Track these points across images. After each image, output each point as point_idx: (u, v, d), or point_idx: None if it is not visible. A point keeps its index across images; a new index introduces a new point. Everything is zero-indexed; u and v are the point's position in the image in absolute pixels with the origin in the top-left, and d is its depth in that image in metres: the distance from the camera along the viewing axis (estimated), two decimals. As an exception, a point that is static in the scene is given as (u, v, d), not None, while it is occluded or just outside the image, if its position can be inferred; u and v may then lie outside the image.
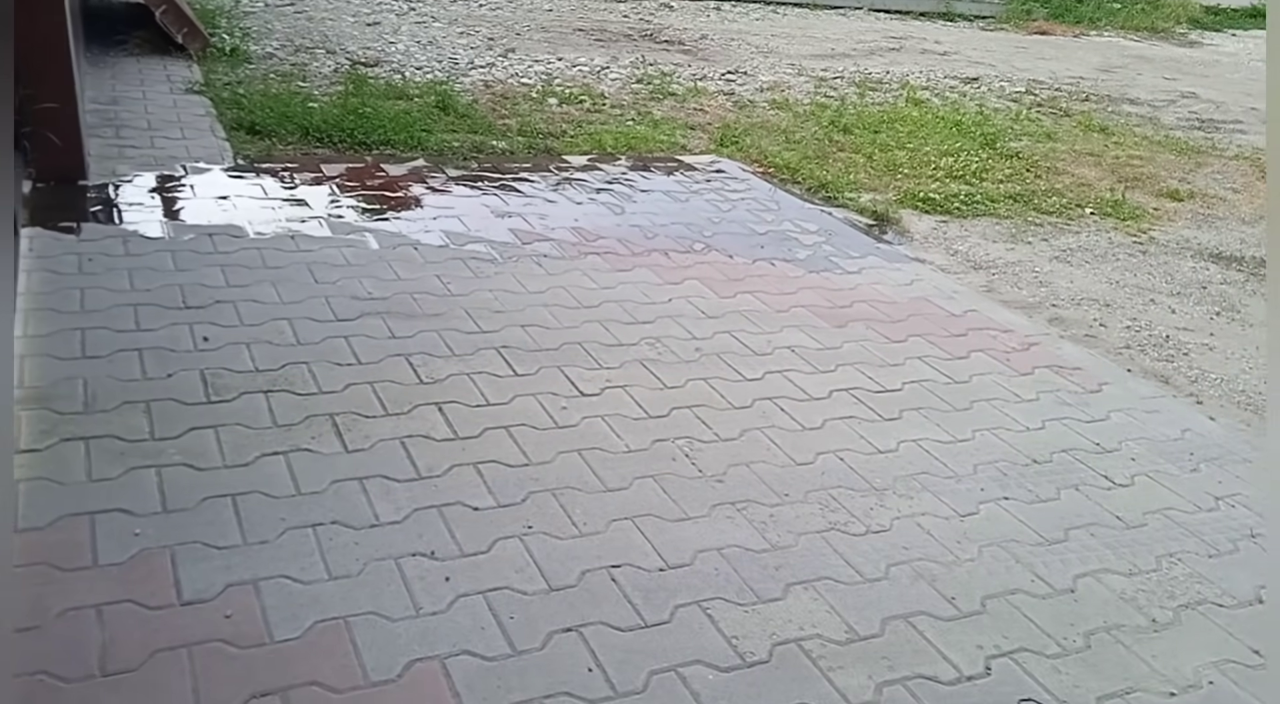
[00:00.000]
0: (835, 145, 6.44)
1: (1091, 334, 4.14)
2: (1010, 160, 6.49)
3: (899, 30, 11.67)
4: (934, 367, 3.65)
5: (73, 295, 3.31)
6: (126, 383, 2.86)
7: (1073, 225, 5.47)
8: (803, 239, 4.79)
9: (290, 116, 5.41)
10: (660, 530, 2.56)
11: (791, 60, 9.07)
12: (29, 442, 2.54)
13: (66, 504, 2.35)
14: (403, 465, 2.68)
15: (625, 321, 3.71)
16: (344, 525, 2.42)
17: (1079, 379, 3.70)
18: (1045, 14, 13.83)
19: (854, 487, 2.86)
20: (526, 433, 2.91)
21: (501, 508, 2.57)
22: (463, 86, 6.71)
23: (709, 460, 2.89)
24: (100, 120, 5.08)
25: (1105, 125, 7.81)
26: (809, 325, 3.87)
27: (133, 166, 4.57)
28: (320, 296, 3.57)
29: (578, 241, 4.42)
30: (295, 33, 7.70)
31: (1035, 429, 3.30)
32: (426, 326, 3.47)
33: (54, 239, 3.72)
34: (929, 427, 3.23)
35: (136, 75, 6.02)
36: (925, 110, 7.55)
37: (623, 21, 10.13)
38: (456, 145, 5.49)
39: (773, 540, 2.58)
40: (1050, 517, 2.84)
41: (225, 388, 2.91)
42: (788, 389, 3.36)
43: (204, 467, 2.56)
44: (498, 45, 8.20)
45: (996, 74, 9.52)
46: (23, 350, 2.93)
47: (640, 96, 7.12)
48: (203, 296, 3.44)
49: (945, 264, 4.71)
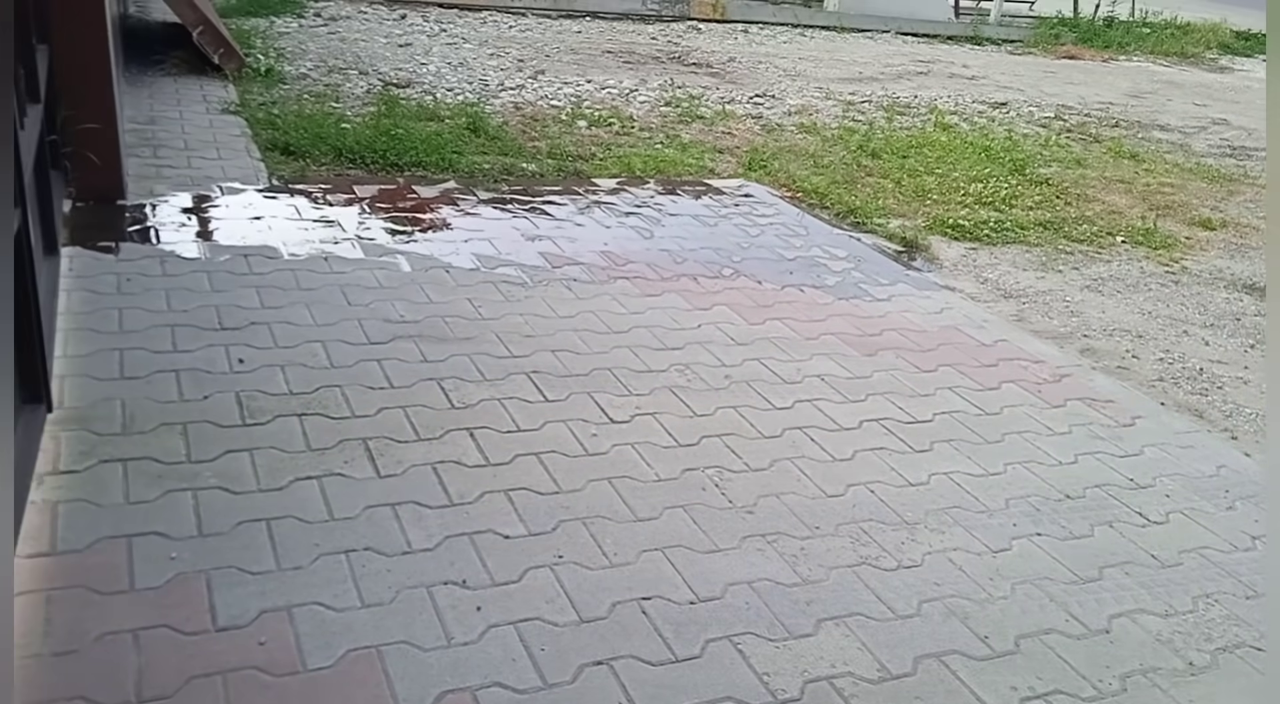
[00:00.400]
0: (863, 170, 6.44)
1: (1124, 366, 4.10)
2: (1040, 187, 6.47)
3: (926, 54, 11.68)
4: (965, 397, 3.63)
5: (111, 315, 3.36)
6: (164, 404, 2.89)
7: (1104, 254, 5.44)
8: (831, 265, 4.79)
9: (324, 137, 5.47)
10: (691, 562, 2.55)
11: (819, 84, 9.08)
12: (68, 463, 2.57)
13: (104, 526, 2.37)
14: (435, 491, 2.69)
15: (655, 347, 3.72)
16: (377, 552, 2.43)
17: (1112, 412, 3.67)
18: (1074, 38, 13.80)
19: (885, 520, 2.84)
20: (557, 460, 2.92)
21: (532, 536, 2.57)
22: (493, 108, 6.77)
23: (739, 491, 2.89)
24: (138, 140, 5.16)
25: (1135, 152, 7.77)
26: (838, 353, 3.86)
27: (170, 186, 4.64)
28: (353, 319, 3.60)
29: (607, 266, 4.44)
30: (329, 53, 7.80)
31: (1068, 463, 3.28)
32: (458, 350, 3.49)
33: (94, 259, 3.77)
34: (960, 459, 3.21)
35: (174, 95, 6.11)
36: (954, 135, 7.54)
37: (651, 44, 10.19)
38: (487, 167, 5.53)
39: (804, 574, 2.57)
40: (1084, 554, 2.81)
41: (260, 410, 2.94)
42: (818, 419, 3.35)
43: (239, 490, 2.58)
44: (527, 67, 8.26)
45: (1025, 99, 9.49)
46: (62, 370, 2.97)
47: (668, 119, 7.15)
48: (238, 318, 3.47)
49: (975, 292, 4.70)
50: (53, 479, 2.50)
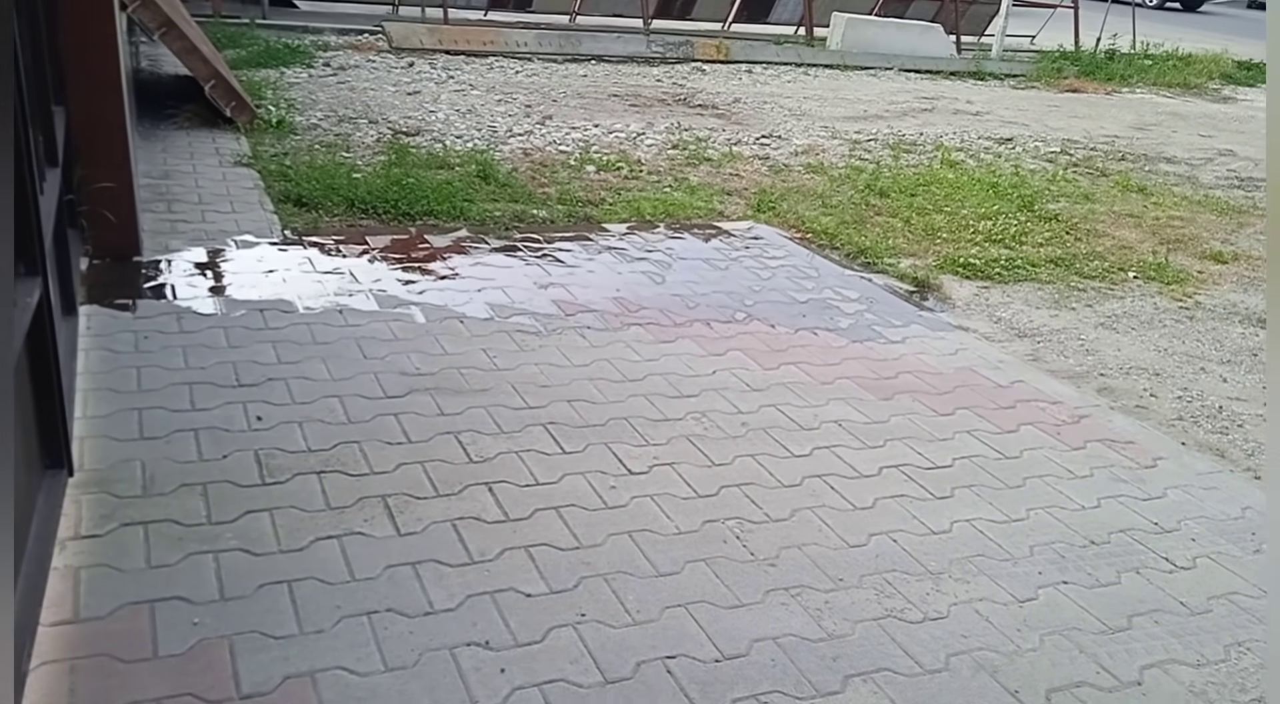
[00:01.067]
0: (872, 209, 6.46)
1: (1143, 405, 4.08)
2: (1049, 223, 6.48)
3: (930, 90, 11.76)
4: (984, 441, 3.61)
5: (130, 374, 3.37)
6: (183, 464, 2.89)
7: (1116, 290, 5.44)
8: (844, 307, 4.79)
9: (336, 188, 5.52)
10: (714, 618, 2.53)
11: (825, 123, 9.15)
12: (89, 527, 2.56)
13: (127, 592, 2.36)
14: (455, 549, 2.68)
15: (670, 395, 3.71)
16: (398, 613, 2.42)
17: (1133, 454, 3.64)
18: (1076, 71, 13.90)
19: (909, 570, 2.82)
20: (576, 514, 2.91)
21: (554, 594, 2.55)
22: (502, 154, 6.82)
23: (760, 542, 2.87)
24: (153, 195, 5.21)
25: (1143, 185, 7.79)
26: (855, 398, 3.85)
27: (185, 241, 4.67)
28: (369, 372, 3.60)
29: (620, 312, 4.45)
30: (338, 103, 7.89)
31: (1091, 507, 3.25)
32: (474, 403, 3.49)
33: (111, 317, 3.79)
34: (982, 505, 3.19)
35: (187, 148, 6.18)
36: (961, 172, 7.57)
37: (656, 86, 10.29)
38: (498, 215, 5.57)
39: (829, 629, 2.54)
40: (1112, 602, 2.78)
41: (279, 469, 2.94)
42: (837, 466, 3.34)
43: (260, 552, 2.57)
44: (535, 112, 8.34)
45: (1030, 134, 9.54)
46: (82, 431, 2.98)
47: (676, 162, 7.20)
48: (255, 374, 3.48)
49: (989, 332, 4.69)
50: (74, 544, 2.49)
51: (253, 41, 9.87)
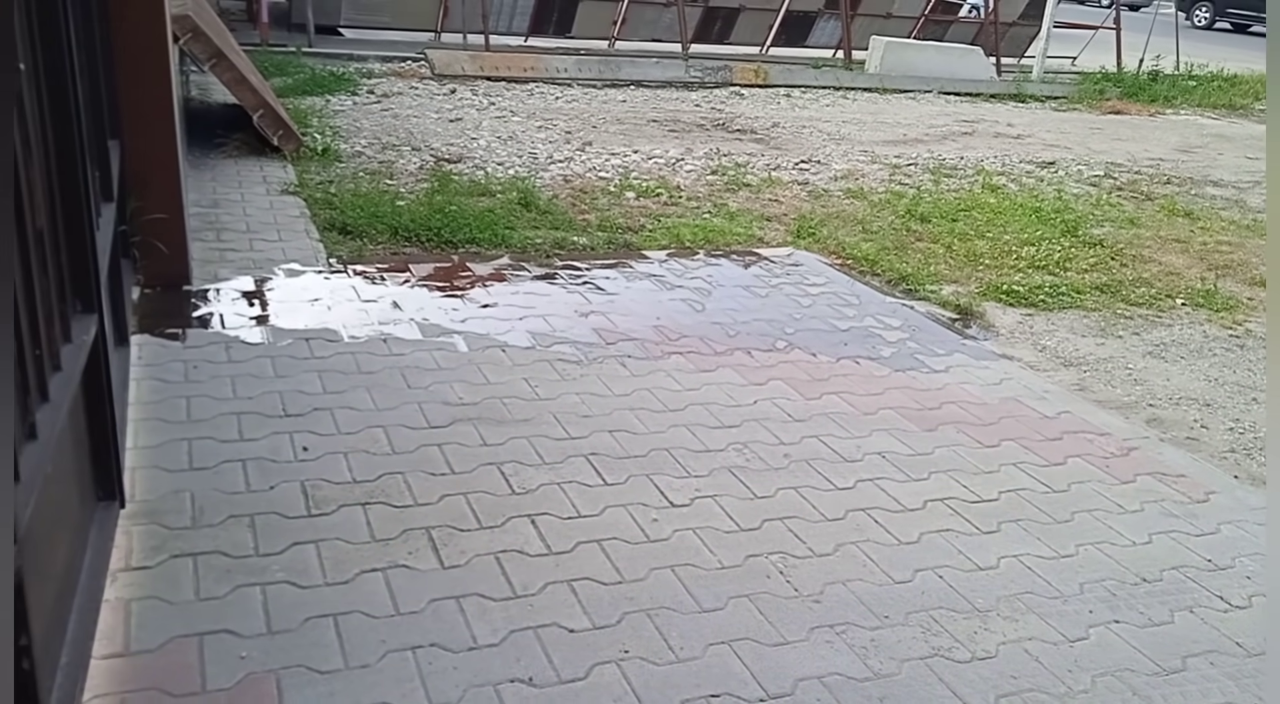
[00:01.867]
0: (913, 235, 6.43)
1: (1193, 437, 4.01)
2: (1094, 248, 6.40)
3: (970, 113, 11.70)
4: (1030, 474, 3.56)
5: (180, 404, 3.42)
6: (232, 496, 2.93)
7: (1164, 317, 5.35)
8: (886, 336, 4.76)
9: (380, 216, 5.59)
10: (759, 656, 2.51)
11: (864, 147, 9.13)
12: (140, 559, 2.60)
13: (176, 625, 2.39)
14: (498, 583, 2.68)
15: (711, 426, 3.70)
16: (442, 648, 2.42)
17: (1184, 487, 3.57)
18: (1119, 93, 13.76)
19: (956, 607, 2.78)
20: (619, 547, 2.90)
21: (597, 630, 2.55)
22: (543, 181, 6.88)
23: (804, 578, 2.84)
24: (202, 223, 5.31)
25: (1190, 209, 7.68)
26: (898, 429, 3.81)
27: (233, 270, 4.75)
28: (413, 402, 3.63)
29: (660, 341, 4.45)
30: (382, 130, 8.00)
31: (1142, 543, 3.19)
32: (516, 433, 3.50)
33: (161, 346, 3.86)
34: (1030, 541, 3.14)
35: (235, 177, 6.29)
36: (1003, 197, 7.51)
37: (695, 111, 10.33)
38: (539, 242, 5.60)
39: (875, 668, 2.51)
40: (1165, 642, 2.72)
41: (325, 500, 2.97)
42: (881, 499, 3.30)
43: (306, 584, 2.59)
44: (575, 139, 8.41)
45: (1073, 157, 9.45)
46: (133, 462, 3.03)
47: (715, 188, 7.21)
48: (301, 404, 3.52)
49: (1034, 361, 4.63)
50: (125, 576, 2.53)
51: (299, 69, 10.05)
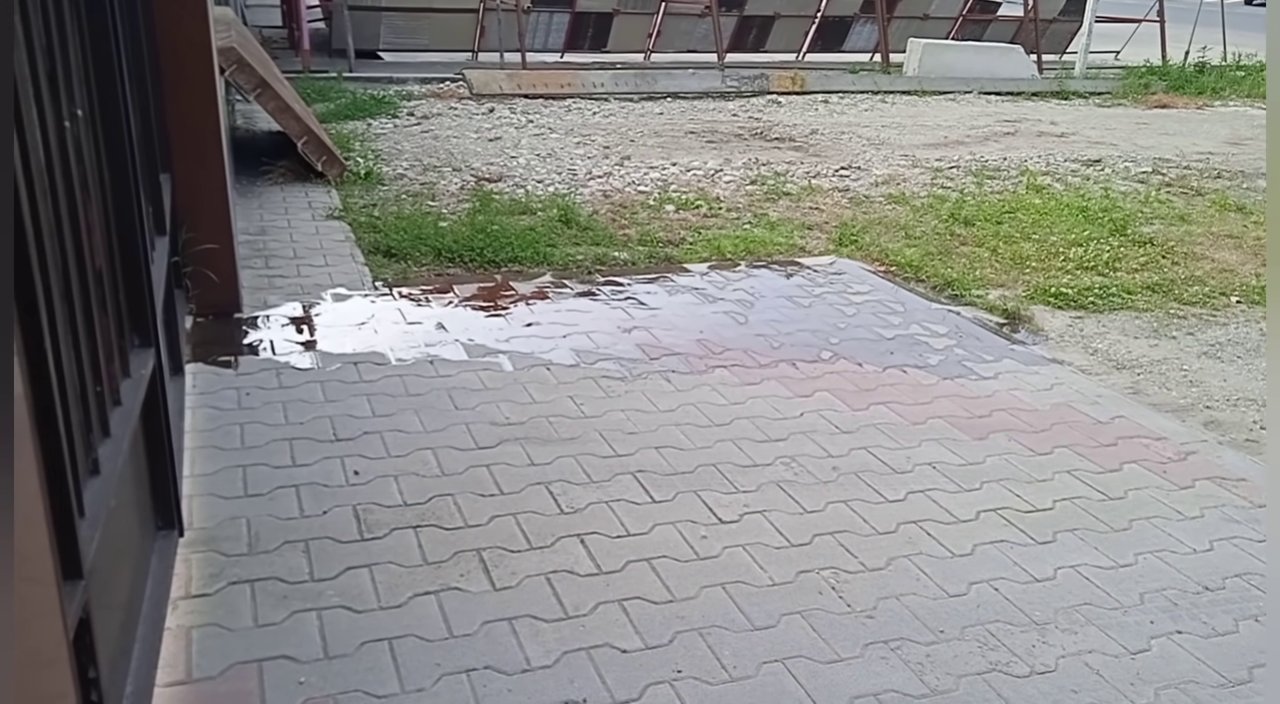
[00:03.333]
0: (957, 239, 6.36)
1: (1253, 439, 3.91)
2: (1144, 247, 6.29)
3: (1012, 113, 11.56)
4: (1085, 481, 3.50)
5: (233, 431, 3.49)
6: (286, 521, 2.98)
7: (1219, 316, 5.24)
8: (932, 343, 4.71)
9: (423, 238, 5.66)
10: (813, 674, 2.49)
11: (904, 151, 9.06)
12: (199, 586, 2.65)
13: (235, 651, 2.43)
14: (549, 604, 2.70)
15: (758, 439, 3.69)
16: (496, 670, 2.44)
17: (1245, 492, 3.49)
18: (1164, 87, 13.52)
19: (1013, 621, 2.74)
20: (668, 566, 2.90)
21: (649, 650, 2.55)
22: (582, 197, 6.91)
23: (857, 593, 2.82)
24: (250, 251, 5.41)
25: (1242, 204, 7.51)
26: (948, 438, 3.77)
27: (282, 296, 4.84)
28: (461, 424, 3.67)
29: (704, 354, 4.45)
30: (423, 152, 8.10)
31: (1203, 551, 3.12)
32: (563, 452, 3.52)
33: (214, 374, 3.94)
34: (1087, 550, 3.09)
35: (281, 204, 6.41)
36: (1048, 197, 7.41)
37: (732, 121, 10.32)
38: (580, 258, 5.63)
39: (931, 684, 2.48)
40: (1230, 653, 2.66)
41: (377, 524, 3.00)
42: (932, 511, 3.27)
43: (361, 608, 2.62)
44: (613, 153, 8.44)
45: (1119, 154, 9.30)
46: (190, 490, 3.09)
47: (755, 198, 7.20)
48: (351, 428, 3.57)
49: (1085, 365, 4.56)
50: (185, 604, 2.58)
51: (340, 94, 10.22)
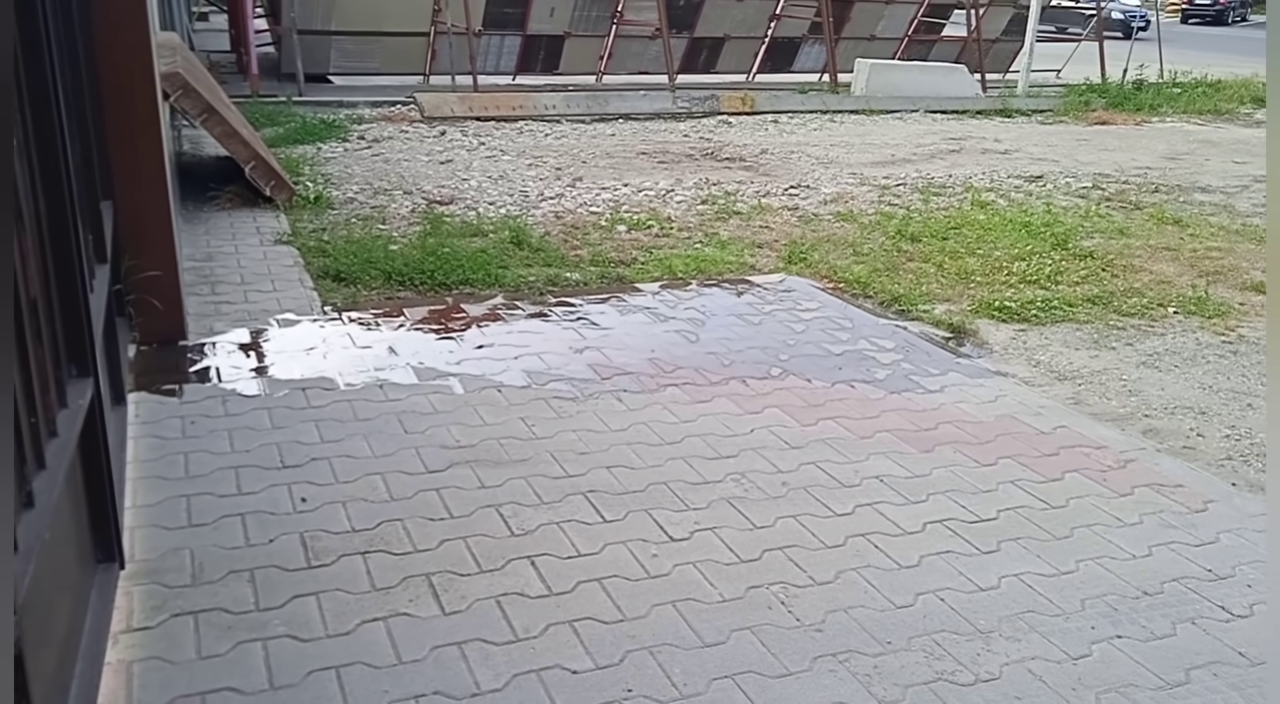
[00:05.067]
0: (904, 255, 6.46)
1: (1190, 446, 4.01)
2: (1084, 260, 6.43)
3: (957, 131, 11.79)
4: (1028, 491, 3.57)
5: (177, 461, 3.44)
6: (231, 551, 2.94)
7: (1157, 327, 5.37)
8: (880, 357, 4.78)
9: (373, 261, 5.63)
10: (762, 689, 2.51)
11: (853, 170, 9.19)
12: (141, 619, 2.61)
13: (178, 685, 2.40)
14: (500, 627, 2.69)
15: (709, 457, 3.72)
16: (446, 696, 2.42)
17: (1182, 497, 3.58)
18: (1104, 104, 13.87)
19: (958, 630, 2.78)
20: (619, 585, 2.91)
21: (600, 670, 2.55)
22: (534, 219, 6.93)
23: (806, 607, 2.85)
24: (197, 277, 5.35)
25: (1179, 217, 7.72)
26: (895, 452, 3.83)
27: (228, 322, 4.79)
28: (410, 448, 3.65)
29: (655, 373, 4.47)
30: (374, 175, 8.08)
31: (1142, 556, 3.19)
32: (514, 473, 3.52)
33: (158, 403, 3.89)
34: (1030, 559, 3.14)
35: (229, 229, 6.35)
36: (992, 213, 7.56)
37: (684, 141, 10.41)
38: (532, 279, 5.64)
39: (879, 695, 2.51)
40: (1168, 656, 2.72)
41: (324, 551, 2.98)
42: (880, 523, 3.31)
43: (307, 637, 2.60)
44: (565, 175, 8.48)
45: (1061, 170, 9.51)
46: (132, 521, 3.04)
47: (706, 217, 7.26)
48: (299, 454, 3.54)
49: (1028, 376, 4.65)
50: (126, 637, 2.54)
51: (289, 118, 10.16)
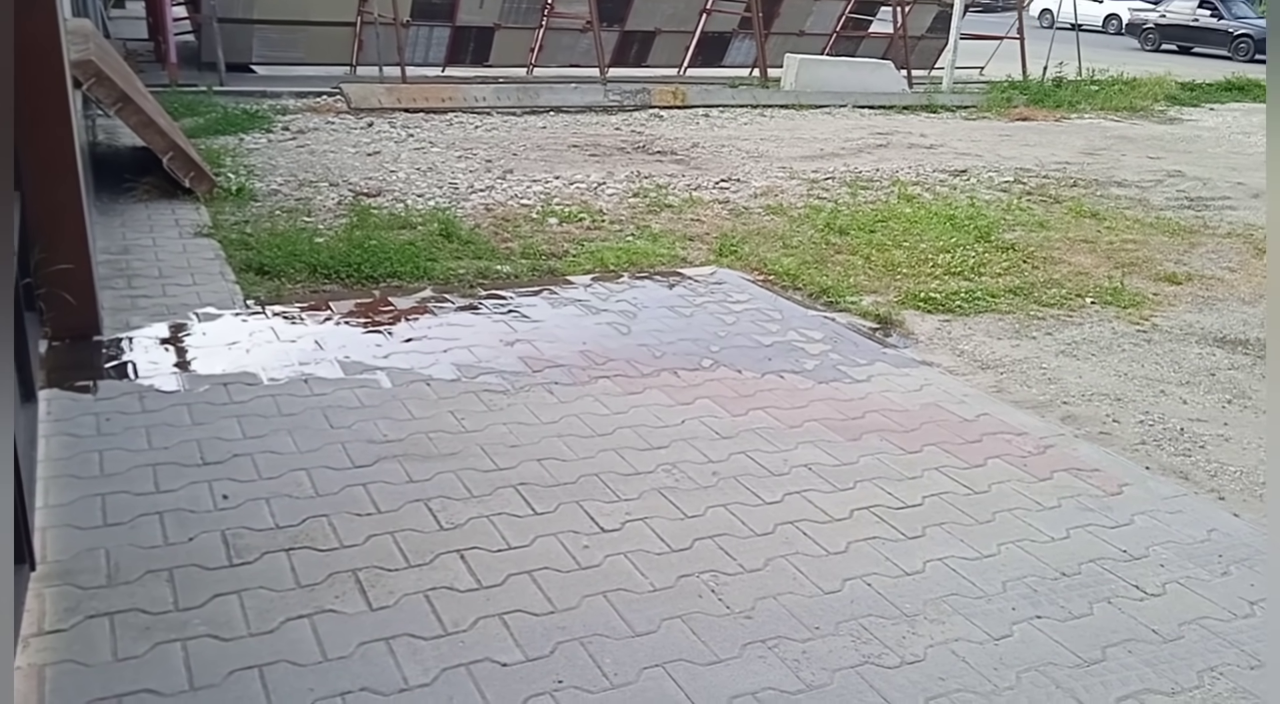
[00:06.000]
0: (832, 248, 6.54)
1: (1106, 431, 4.14)
2: (1006, 252, 6.58)
3: (884, 126, 11.97)
4: (952, 477, 3.64)
5: (92, 459, 3.33)
6: (149, 550, 2.86)
7: (1075, 317, 5.52)
8: (809, 348, 4.83)
9: (298, 254, 5.52)
10: (692, 676, 2.52)
11: (782, 163, 9.28)
12: (53, 622, 2.52)
13: (93, 688, 2.32)
14: (428, 621, 2.66)
15: (640, 448, 3.72)
16: (373, 692, 2.39)
17: (1098, 481, 3.68)
18: (1025, 100, 14.20)
19: (884, 614, 2.83)
20: (550, 577, 2.89)
21: (530, 662, 2.54)
22: (464, 211, 6.86)
23: (736, 595, 2.87)
24: (112, 271, 5.19)
25: (1096, 210, 7.95)
26: (823, 440, 3.87)
27: (145, 317, 4.65)
28: (337, 443, 3.59)
29: (587, 365, 4.46)
30: (298, 167, 7.91)
31: (1060, 538, 3.28)
32: (443, 467, 3.48)
33: (71, 400, 3.76)
34: (953, 543, 3.21)
35: (146, 222, 6.17)
36: (918, 206, 7.69)
37: (615, 135, 10.40)
38: (462, 272, 5.59)
39: (807, 679, 2.54)
40: (1085, 634, 2.80)
41: (247, 548, 2.91)
42: (808, 511, 3.35)
43: (229, 636, 2.54)
44: (496, 167, 8.40)
45: (984, 164, 9.72)
46: (44, 522, 2.94)
47: (637, 210, 7.26)
48: (220, 451, 3.46)
49: (952, 366, 4.74)
50: (38, 641, 2.45)
51: (210, 108, 9.90)
